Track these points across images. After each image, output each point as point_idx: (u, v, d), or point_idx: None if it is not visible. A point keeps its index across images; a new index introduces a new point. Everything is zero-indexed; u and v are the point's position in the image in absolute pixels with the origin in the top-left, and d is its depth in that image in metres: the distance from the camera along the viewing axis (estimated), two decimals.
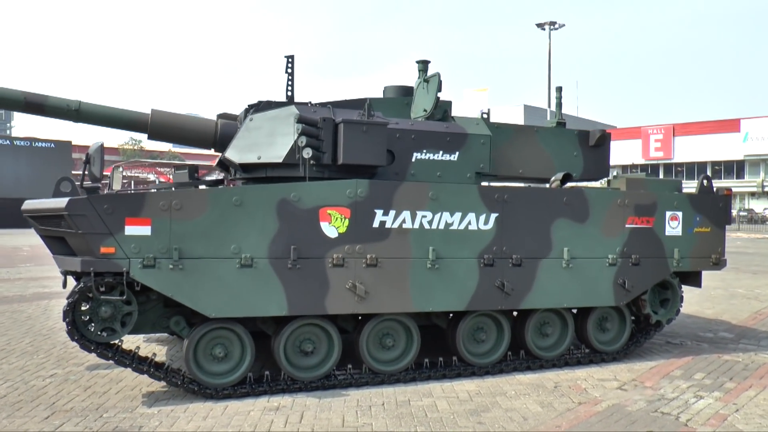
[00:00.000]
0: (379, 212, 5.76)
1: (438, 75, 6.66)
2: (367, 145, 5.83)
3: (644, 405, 5.39)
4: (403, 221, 5.83)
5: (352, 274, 5.67)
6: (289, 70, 6.97)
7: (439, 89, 6.60)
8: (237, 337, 5.63)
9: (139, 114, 6.53)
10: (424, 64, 7.30)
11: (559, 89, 7.71)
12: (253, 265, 5.42)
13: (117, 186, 6.95)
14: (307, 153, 5.66)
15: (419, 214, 5.88)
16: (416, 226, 5.87)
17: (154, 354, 5.59)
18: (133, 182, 47.67)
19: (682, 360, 6.89)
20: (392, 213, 5.80)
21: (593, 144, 7.27)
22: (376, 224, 5.75)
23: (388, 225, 5.79)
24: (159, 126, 6.51)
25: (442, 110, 6.79)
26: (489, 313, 6.32)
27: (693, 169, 53.05)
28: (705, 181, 7.23)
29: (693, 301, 10.87)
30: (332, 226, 5.65)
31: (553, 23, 46.76)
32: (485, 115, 6.87)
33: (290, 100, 6.69)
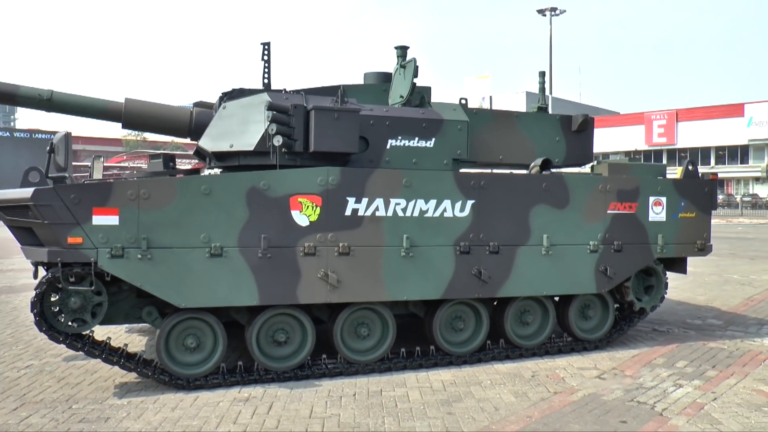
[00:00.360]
0: (351, 200, 5.67)
1: (414, 60, 6.54)
2: (338, 132, 5.73)
3: (621, 394, 5.30)
4: (376, 209, 5.74)
5: (324, 262, 5.59)
6: (266, 57, 6.86)
7: (415, 75, 6.47)
8: (209, 328, 5.57)
9: (112, 103, 6.45)
10: (402, 50, 7.14)
11: (542, 74, 7.58)
12: (223, 255, 5.34)
13: (98, 176, 6.89)
14: (278, 141, 5.57)
15: (393, 201, 5.78)
16: (390, 213, 5.78)
17: (126, 345, 5.54)
18: (135, 173, 47.66)
19: (666, 348, 6.80)
20: (365, 201, 5.71)
21: (576, 129, 7.13)
22: (348, 212, 5.66)
23: (360, 213, 5.70)
24: (133, 115, 6.42)
25: (419, 96, 6.67)
26: (467, 302, 6.24)
27: (697, 154, 52.64)
28: (690, 166, 7.10)
29: (685, 288, 10.77)
30: (303, 215, 5.56)
31: (553, 9, 46.42)
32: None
33: (266, 87, 6.60)
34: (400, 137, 6.17)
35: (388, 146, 6.13)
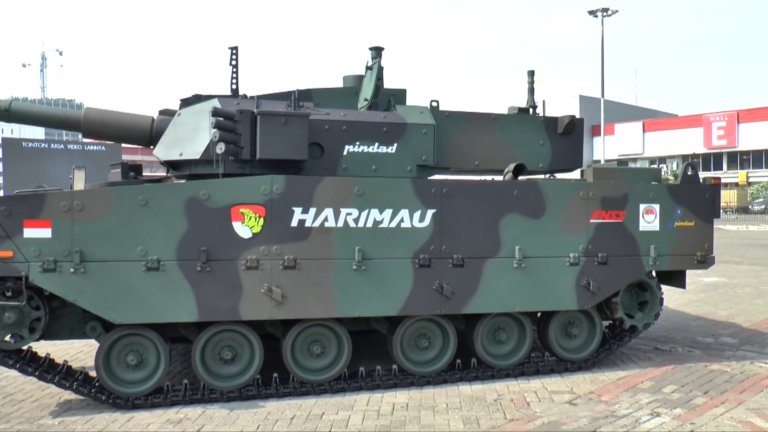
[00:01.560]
0: (297, 210, 5.35)
1: (378, 62, 6.18)
2: (286, 138, 5.42)
3: (585, 423, 4.77)
4: (325, 219, 5.39)
5: (267, 277, 5.28)
6: (233, 62, 6.66)
7: (380, 77, 6.12)
8: (152, 344, 5.34)
9: (72, 112, 6.34)
10: (377, 51, 6.80)
11: (531, 73, 7.07)
12: (160, 268, 5.10)
13: (79, 187, 6.80)
14: (220, 148, 5.31)
15: (343, 211, 5.42)
16: (340, 224, 5.42)
17: (65, 361, 5.37)
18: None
19: (660, 369, 6.17)
20: (312, 211, 5.37)
21: (562, 131, 6.60)
22: (294, 223, 5.34)
23: (308, 224, 5.36)
24: (93, 124, 6.29)
25: (386, 99, 6.31)
26: (433, 318, 5.81)
27: (760, 157, 49.78)
28: (689, 170, 6.46)
29: (709, 301, 9.96)
30: (246, 226, 5.27)
31: (605, 10, 44.88)
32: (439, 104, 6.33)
33: (234, 93, 6.37)
34: (358, 143, 5.81)
35: (345, 152, 5.78)
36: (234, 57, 6.68)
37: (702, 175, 6.89)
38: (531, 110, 6.87)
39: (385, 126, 5.87)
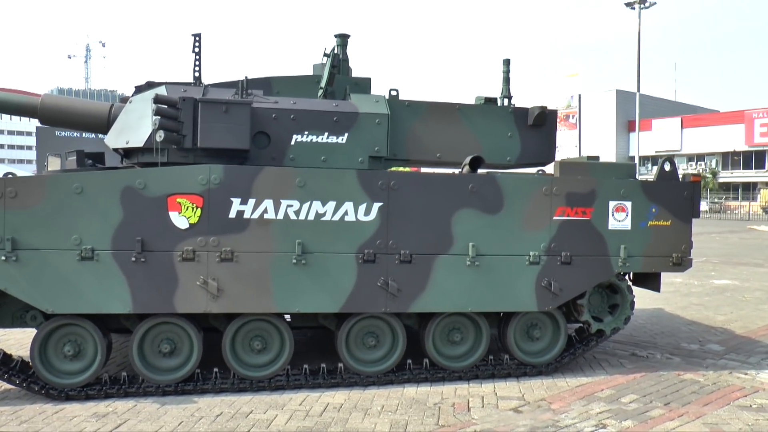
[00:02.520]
0: (236, 201, 5.17)
1: (333, 49, 5.95)
2: (227, 126, 5.24)
3: None
4: (265, 211, 5.20)
5: (204, 269, 5.12)
6: (197, 50, 6.52)
7: (334, 64, 5.88)
8: (89, 335, 5.24)
9: (28, 99, 6.28)
10: (342, 39, 6.59)
11: (507, 62, 6.73)
12: (95, 258, 4.99)
13: None
14: (160, 136, 5.17)
15: (284, 203, 5.22)
16: (280, 216, 5.22)
17: (1, 350, 5.31)
18: None
19: (627, 377, 5.80)
20: (251, 202, 5.18)
21: (532, 123, 6.26)
22: (232, 214, 5.16)
23: (246, 215, 5.18)
24: (49, 111, 6.22)
25: (343, 88, 6.08)
26: (381, 316, 5.57)
27: None
28: (667, 165, 6.05)
29: (710, 305, 9.45)
30: (182, 216, 5.12)
31: (642, 2, 43.55)
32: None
33: (197, 80, 6.24)
34: (306, 132, 5.59)
35: (292, 142, 5.57)
36: (197, 44, 6.55)
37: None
38: (506, 101, 6.55)
39: (335, 115, 5.63)
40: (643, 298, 9.88)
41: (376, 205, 5.35)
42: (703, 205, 47.72)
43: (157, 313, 5.18)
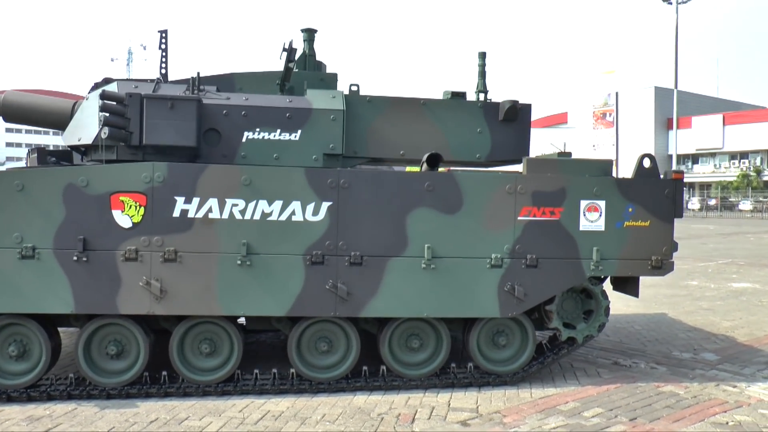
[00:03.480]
0: (180, 199, 5.00)
1: (290, 43, 5.74)
2: (173, 123, 5.09)
3: None
4: (209, 210, 5.02)
5: (147, 269, 4.97)
6: (163, 46, 6.43)
7: (290, 59, 5.66)
8: (34, 335, 5.15)
9: None
10: (309, 33, 6.37)
11: (482, 55, 6.40)
12: (36, 257, 4.89)
13: None
14: (104, 133, 5.05)
15: (229, 202, 5.04)
16: (225, 216, 5.04)
17: None
18: None
19: (600, 388, 5.44)
20: (196, 200, 5.01)
21: (503, 118, 5.94)
22: (176, 213, 5.00)
23: (190, 214, 5.01)
24: (11, 107, 6.17)
25: (301, 84, 5.86)
26: (334, 320, 5.34)
27: None
28: (646, 161, 5.65)
29: (720, 310, 8.92)
30: (125, 215, 4.98)
31: None
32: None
33: (163, 77, 6.14)
34: (258, 129, 5.39)
35: (244, 139, 5.38)
36: (163, 41, 6.46)
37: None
38: (482, 96, 6.24)
39: (288, 111, 5.42)
40: (647, 302, 9.44)
41: (325, 205, 5.12)
42: (747, 204, 45.94)
43: (101, 314, 5.06)
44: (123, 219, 4.97)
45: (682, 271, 13.36)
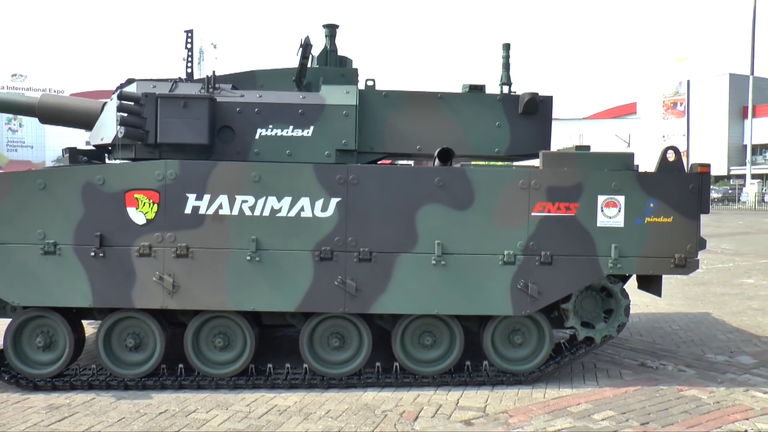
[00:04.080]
0: (191, 196, 5.11)
1: (305, 39, 5.75)
2: (186, 121, 5.21)
3: None
4: (220, 207, 5.12)
5: (160, 264, 5.11)
6: (189, 46, 6.58)
7: (305, 55, 5.68)
8: (60, 327, 5.38)
9: (28, 98, 6.56)
10: (330, 29, 6.37)
11: (507, 47, 6.24)
12: (57, 252, 5.11)
13: None
14: (120, 132, 5.23)
15: (239, 198, 5.11)
16: (235, 212, 5.12)
17: None
18: None
19: (619, 390, 5.24)
20: (207, 197, 5.11)
21: (523, 111, 5.78)
22: (188, 210, 5.12)
23: (201, 211, 5.12)
24: (47, 109, 6.47)
25: (318, 79, 5.86)
26: (345, 316, 5.34)
27: None
28: (671, 154, 5.39)
29: None
30: (140, 212, 5.13)
31: None
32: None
33: (189, 76, 6.29)
34: (271, 126, 5.45)
35: (257, 136, 5.45)
36: (189, 41, 6.60)
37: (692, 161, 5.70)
38: (506, 88, 6.10)
39: (301, 108, 5.45)
40: (692, 300, 9.06)
41: (334, 201, 5.12)
42: None
43: (117, 307, 5.24)
44: (137, 216, 5.13)
45: (740, 267, 12.72)
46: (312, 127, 5.45)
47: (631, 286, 5.85)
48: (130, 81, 6.02)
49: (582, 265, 5.24)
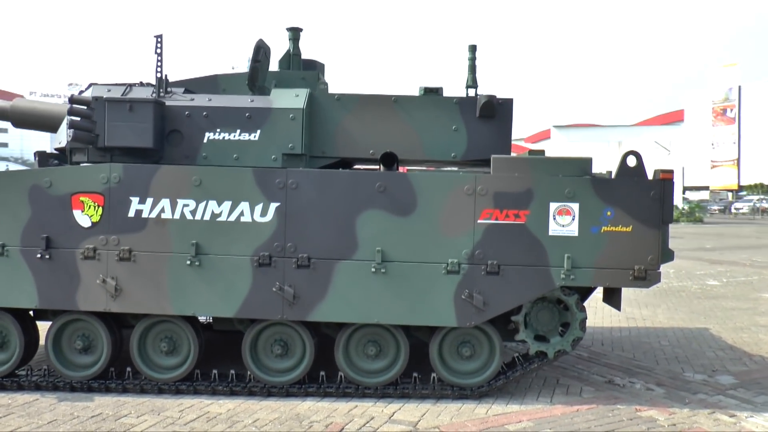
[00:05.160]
0: (135, 200, 5.12)
1: (258, 41, 5.70)
2: (131, 125, 5.22)
3: None
4: (162, 210, 5.10)
5: (104, 267, 5.13)
6: (158, 51, 6.62)
7: (256, 58, 5.63)
8: (12, 327, 5.44)
9: (1, 103, 6.71)
10: (294, 32, 6.32)
11: (473, 48, 6.05)
12: (5, 254, 5.19)
13: None
14: (69, 135, 5.28)
15: (180, 202, 5.09)
16: (177, 216, 5.09)
17: None
18: None
19: (570, 408, 4.97)
20: (149, 201, 5.11)
21: (480, 114, 5.58)
22: (131, 213, 5.12)
23: (144, 214, 5.11)
24: (20, 114, 6.60)
25: (271, 83, 5.80)
26: (288, 324, 5.24)
27: None
28: (631, 159, 5.11)
29: None
30: (85, 215, 5.16)
31: None
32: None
33: (159, 82, 6.34)
34: (218, 130, 5.41)
35: (205, 140, 5.42)
36: (159, 45, 6.63)
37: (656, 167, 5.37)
38: (472, 91, 5.90)
39: (248, 111, 5.40)
40: (696, 314, 8.62)
41: (274, 205, 5.04)
42: None
43: (61, 309, 5.28)
44: (83, 218, 5.16)
45: (764, 281, 12.06)
46: (259, 131, 5.38)
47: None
48: (91, 86, 6.10)
49: (532, 275, 5.01)
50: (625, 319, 8.41)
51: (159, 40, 6.72)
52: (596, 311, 8.78)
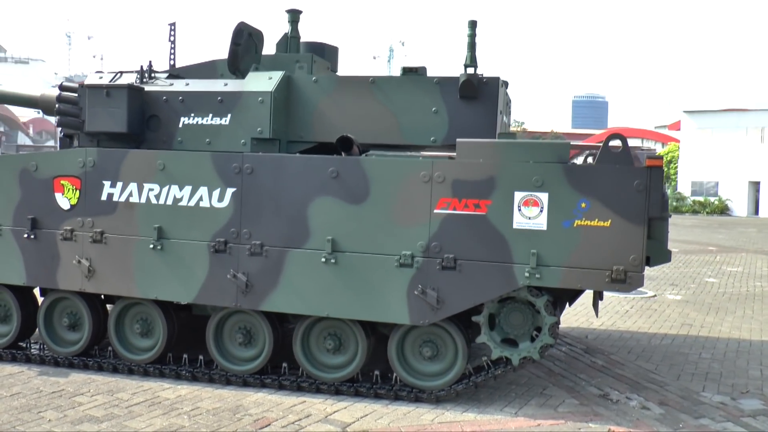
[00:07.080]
0: (107, 184, 5.25)
1: (238, 24, 5.61)
2: (108, 111, 5.35)
3: None
4: (130, 194, 5.19)
5: (80, 248, 5.32)
6: (172, 39, 6.80)
7: (236, 42, 5.54)
8: (10, 301, 5.78)
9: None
10: (293, 14, 6.19)
11: (472, 24, 5.55)
12: (0, 233, 5.54)
13: None
14: (56, 121, 5.53)
15: (146, 186, 5.15)
16: (143, 200, 5.16)
17: None
18: None
19: (531, 422, 4.44)
20: (119, 185, 5.22)
21: (461, 95, 5.12)
22: (104, 197, 5.26)
23: (115, 198, 5.23)
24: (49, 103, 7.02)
25: (251, 64, 5.69)
26: (250, 312, 5.14)
27: None
28: (615, 142, 4.44)
29: None
30: (65, 197, 5.38)
31: None
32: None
33: (172, 69, 6.52)
34: (192, 114, 5.40)
35: (180, 125, 5.43)
36: (172, 33, 6.80)
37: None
38: (472, 70, 5.45)
39: (220, 96, 5.33)
40: (747, 321, 7.50)
41: (230, 191, 4.95)
42: None
43: (45, 287, 5.54)
44: (63, 201, 5.37)
45: None
46: (229, 116, 5.30)
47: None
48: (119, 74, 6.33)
49: (493, 272, 4.53)
50: (680, 325, 7.47)
51: (172, 28, 6.85)
52: (650, 314, 7.90)
